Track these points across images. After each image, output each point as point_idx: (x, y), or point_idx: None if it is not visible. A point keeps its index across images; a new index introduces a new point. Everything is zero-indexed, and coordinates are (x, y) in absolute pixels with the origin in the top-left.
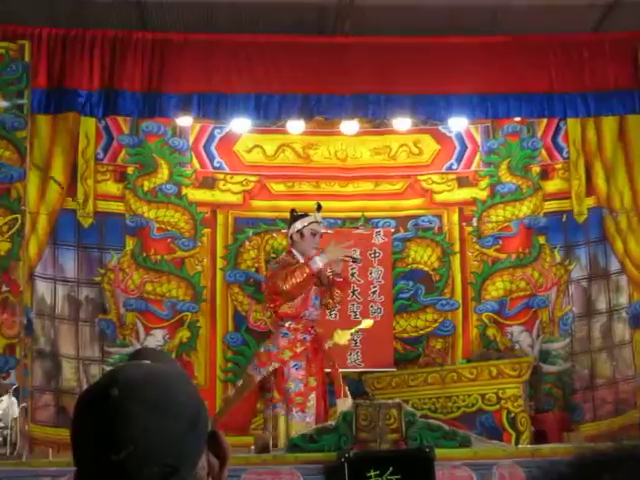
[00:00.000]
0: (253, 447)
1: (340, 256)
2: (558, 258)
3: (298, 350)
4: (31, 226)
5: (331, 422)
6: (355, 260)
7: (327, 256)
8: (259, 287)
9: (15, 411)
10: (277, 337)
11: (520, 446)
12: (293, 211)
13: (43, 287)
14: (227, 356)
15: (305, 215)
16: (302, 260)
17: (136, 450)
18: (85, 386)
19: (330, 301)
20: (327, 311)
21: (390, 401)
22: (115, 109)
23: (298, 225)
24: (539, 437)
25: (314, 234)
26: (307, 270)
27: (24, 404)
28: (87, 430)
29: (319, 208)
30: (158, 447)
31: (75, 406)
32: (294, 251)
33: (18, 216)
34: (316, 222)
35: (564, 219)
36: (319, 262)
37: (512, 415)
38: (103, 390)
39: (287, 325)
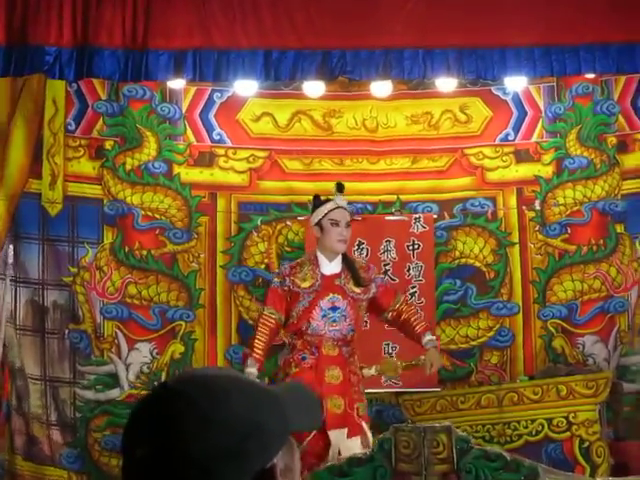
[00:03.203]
0: None
1: None
2: None
3: (291, 372)
4: None
5: (365, 451)
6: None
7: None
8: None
9: None
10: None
11: (599, 479)
12: (316, 198)
13: (2, 290)
14: None
15: (326, 201)
16: (323, 264)
17: (160, 450)
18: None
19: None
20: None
21: (437, 424)
22: (90, 70)
23: (315, 217)
24: (619, 471)
25: (334, 223)
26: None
27: None
28: (129, 418)
29: (340, 188)
30: (188, 455)
31: None
32: (318, 253)
33: None
34: (337, 208)
35: None
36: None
37: (586, 444)
38: (164, 382)
39: (289, 340)
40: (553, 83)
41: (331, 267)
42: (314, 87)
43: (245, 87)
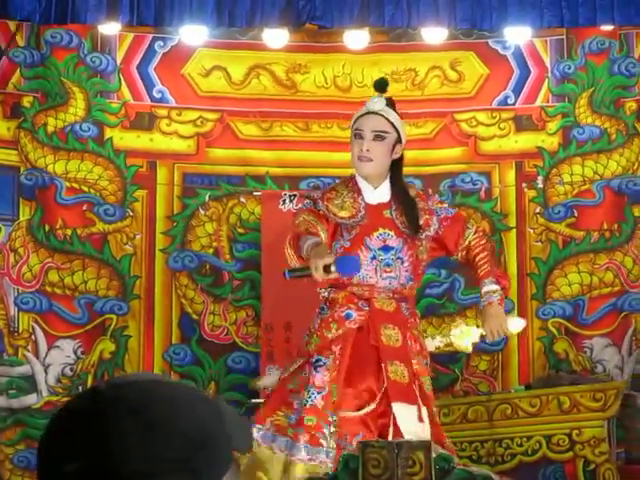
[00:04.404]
0: None
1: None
2: None
3: (330, 335)
4: None
5: (327, 471)
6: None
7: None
8: (219, 277)
9: None
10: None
11: None
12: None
13: None
14: None
15: None
16: (366, 191)
17: (97, 463)
18: None
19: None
20: None
21: (414, 439)
22: (4, 9)
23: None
24: None
25: (358, 134)
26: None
27: None
28: (50, 427)
29: (380, 86)
30: (129, 470)
31: None
32: (357, 176)
33: None
34: (366, 114)
35: None
36: (304, 252)
37: (592, 467)
38: (93, 387)
39: (325, 295)
40: (562, 36)
41: (377, 194)
42: (276, 36)
43: (193, 35)
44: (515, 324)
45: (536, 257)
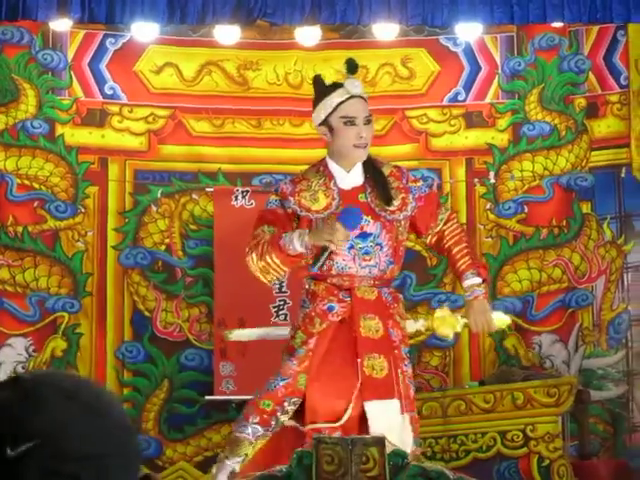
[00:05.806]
0: None
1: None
2: (609, 235)
3: (315, 330)
4: None
5: (280, 467)
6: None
7: (312, 238)
8: (172, 274)
9: None
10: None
11: None
12: (318, 82)
13: None
14: (123, 378)
15: (332, 87)
16: (339, 176)
17: (42, 446)
18: None
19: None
20: None
21: (368, 436)
22: None
23: (320, 113)
24: None
25: (349, 122)
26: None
27: None
28: None
29: (351, 67)
30: (73, 448)
31: None
32: (329, 161)
33: None
34: (350, 98)
35: (622, 175)
36: (297, 245)
37: (546, 462)
38: (13, 377)
39: (307, 287)
40: (513, 33)
41: (351, 178)
42: (227, 33)
43: (144, 32)
44: (500, 321)
45: (486, 253)
